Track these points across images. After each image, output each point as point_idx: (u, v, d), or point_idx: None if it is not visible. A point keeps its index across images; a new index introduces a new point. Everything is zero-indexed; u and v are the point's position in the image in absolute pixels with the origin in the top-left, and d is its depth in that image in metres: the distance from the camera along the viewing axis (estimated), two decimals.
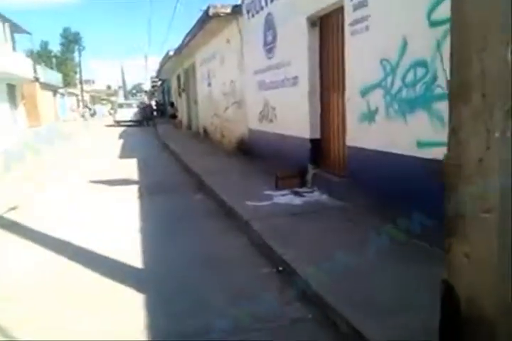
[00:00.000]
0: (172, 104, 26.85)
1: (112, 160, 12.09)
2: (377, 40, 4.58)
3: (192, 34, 11.98)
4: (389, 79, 4.44)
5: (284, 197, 6.20)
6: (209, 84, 13.83)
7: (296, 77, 6.78)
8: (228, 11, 9.42)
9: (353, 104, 5.15)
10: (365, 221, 4.74)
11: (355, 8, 4.91)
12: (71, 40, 57.74)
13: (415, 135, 4.07)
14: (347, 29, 5.16)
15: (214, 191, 7.04)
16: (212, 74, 13.28)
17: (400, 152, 4.32)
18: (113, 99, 70.14)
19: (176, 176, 9.25)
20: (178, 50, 15.24)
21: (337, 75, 5.83)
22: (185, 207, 6.45)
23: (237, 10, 9.45)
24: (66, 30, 58.03)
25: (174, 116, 25.04)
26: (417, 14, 3.92)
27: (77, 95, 50.51)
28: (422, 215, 3.58)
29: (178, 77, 21.92)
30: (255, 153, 9.26)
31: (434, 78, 3.79)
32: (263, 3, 8.01)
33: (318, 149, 6.48)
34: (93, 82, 77.53)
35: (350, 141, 5.29)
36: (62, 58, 56.12)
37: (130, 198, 7.15)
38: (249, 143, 9.73)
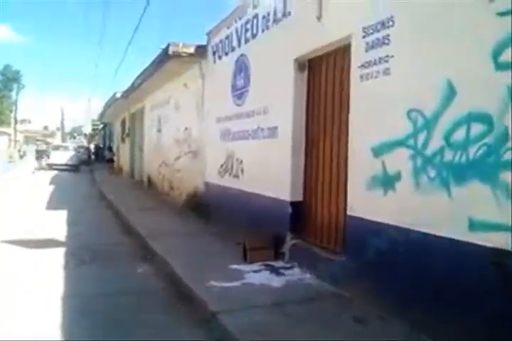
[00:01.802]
0: (110, 148, 27.33)
1: (36, 213, 10.24)
2: (403, 86, 3.58)
3: (145, 75, 10.82)
4: (421, 136, 3.39)
5: (258, 275, 4.87)
6: (159, 130, 12.56)
7: (275, 128, 5.68)
8: (191, 51, 8.38)
9: (360, 163, 4.06)
10: (382, 327, 3.49)
11: (370, 47, 3.94)
12: (10, 78, 55.12)
13: (466, 213, 2.98)
14: (354, 73, 4.16)
15: (164, 261, 5.58)
16: (164, 119, 12.06)
17: (436, 233, 3.20)
18: (50, 140, 66.76)
19: (114, 237, 7.63)
20: (127, 93, 13.98)
21: (332, 127, 4.78)
22: (123, 289, 4.85)
23: (201, 51, 8.43)
24: (6, 67, 55.49)
25: (112, 161, 25.57)
26: (474, 52, 2.96)
27: (9, 135, 47.32)
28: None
29: (123, 122, 20.49)
30: (212, 212, 7.92)
31: (502, 138, 2.77)
32: (235, 44, 7.04)
33: (299, 215, 5.28)
34: (29, 122, 74.01)
35: (352, 210, 4.14)
36: None
37: (50, 271, 5.47)
38: (204, 199, 8.39)
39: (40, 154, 27.29)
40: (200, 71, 8.71)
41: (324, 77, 4.98)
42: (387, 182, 3.70)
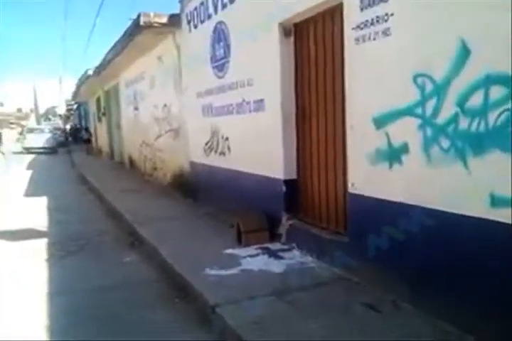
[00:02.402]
0: (86, 129, 26.07)
1: (15, 200, 9.76)
2: (407, 48, 3.19)
3: (116, 49, 10.16)
4: (430, 104, 3.04)
5: (256, 260, 4.57)
6: (136, 108, 11.98)
7: (261, 100, 5.27)
8: (164, 20, 7.78)
9: (360, 136, 3.70)
10: (398, 314, 3.24)
11: (366, 5, 3.51)
12: None
13: (486, 187, 2.67)
14: (349, 35, 3.74)
15: (154, 249, 5.25)
16: (140, 96, 11.47)
17: (452, 210, 2.89)
18: (24, 123, 64.90)
19: (98, 224, 7.25)
20: (99, 69, 13.26)
21: (326, 97, 4.39)
22: (113, 282, 4.52)
23: (174, 20, 7.84)
24: None
25: (89, 141, 24.54)
26: (491, 4, 2.58)
27: None
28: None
29: (98, 100, 19.69)
30: (199, 193, 7.56)
31: None
32: (211, 10, 6.50)
33: (294, 194, 4.96)
34: (1, 105, 71.70)
35: (354, 188, 3.82)
36: None
37: (33, 265, 5.11)
38: (190, 180, 8.00)
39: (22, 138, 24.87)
40: (174, 42, 8.15)
41: (313, 43, 4.55)
42: (393, 155, 3.37)
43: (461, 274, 2.89)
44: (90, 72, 14.37)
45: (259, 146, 5.38)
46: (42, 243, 6.04)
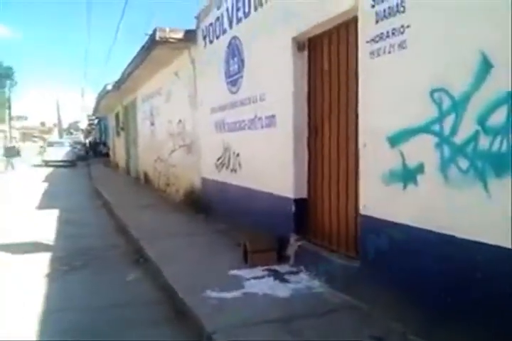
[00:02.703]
0: (105, 143, 27.27)
1: (26, 213, 9.72)
2: (424, 61, 3.00)
3: (134, 64, 10.20)
4: (448, 121, 2.83)
5: (261, 283, 4.33)
6: (152, 124, 11.98)
7: (273, 116, 5.11)
8: (179, 36, 7.77)
9: (373, 155, 3.50)
10: None
11: (381, 17, 3.35)
12: (2, 75, 54.19)
13: (508, 212, 2.43)
14: (363, 49, 3.58)
15: (157, 267, 5.06)
16: (156, 112, 11.47)
17: (470, 237, 2.65)
18: (47, 136, 66.18)
19: (107, 239, 7.10)
20: (117, 84, 13.36)
21: (339, 114, 4.21)
22: (112, 301, 4.32)
23: (190, 36, 7.83)
24: None
25: (107, 155, 25.19)
26: None
27: (5, 132, 46.66)
28: None
29: (117, 115, 19.88)
30: (210, 209, 7.38)
31: None
32: (226, 25, 6.43)
33: (304, 213, 4.74)
34: (25, 119, 73.33)
35: (365, 209, 3.59)
36: None
37: (34, 280, 4.96)
38: (202, 196, 7.84)
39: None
40: (190, 58, 8.11)
41: (327, 57, 4.39)
42: (408, 176, 3.14)
43: (487, 310, 2.62)
44: (109, 87, 14.49)
45: (270, 163, 5.20)
46: (46, 257, 5.91)
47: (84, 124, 49.53)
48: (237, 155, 6.19)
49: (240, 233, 5.55)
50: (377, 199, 3.46)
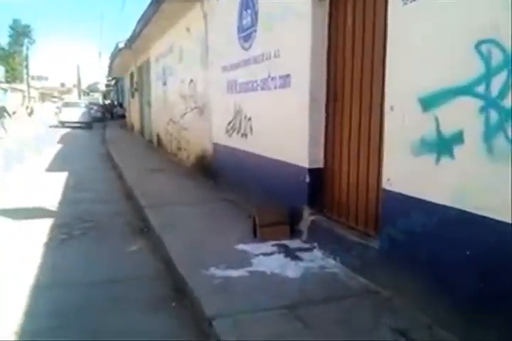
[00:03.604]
0: (121, 105, 26.78)
1: (34, 175, 9.47)
2: (468, 7, 2.43)
3: (144, 20, 9.60)
4: (498, 80, 2.29)
5: (270, 260, 3.96)
6: (164, 84, 11.45)
7: (287, 76, 4.58)
8: None
9: (402, 120, 2.98)
10: None
11: None
12: (20, 33, 53.55)
13: None
14: None
15: (160, 239, 4.73)
16: (168, 71, 10.92)
17: None
18: (66, 97, 66.12)
19: (112, 206, 6.79)
20: (129, 42, 12.78)
21: (362, 72, 3.67)
22: (107, 276, 4.01)
23: None
24: (15, 22, 53.81)
25: (123, 117, 24.78)
26: None
27: (23, 91, 46.56)
28: None
29: (131, 75, 19.32)
30: (221, 176, 6.98)
31: None
32: None
33: (319, 185, 4.29)
34: (46, 79, 73.20)
35: (389, 183, 3.12)
36: (9, 51, 51.82)
37: (28, 250, 4.67)
38: (212, 163, 7.43)
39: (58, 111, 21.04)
40: (202, 11, 7.48)
41: (351, 7, 3.80)
42: (443, 146, 2.64)
43: None
44: (121, 45, 13.90)
45: (283, 129, 4.71)
46: (47, 224, 5.62)
47: (103, 85, 49.04)
48: (249, 118, 5.70)
49: (250, 203, 5.17)
50: (404, 172, 2.98)
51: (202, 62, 7.80)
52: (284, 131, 4.67)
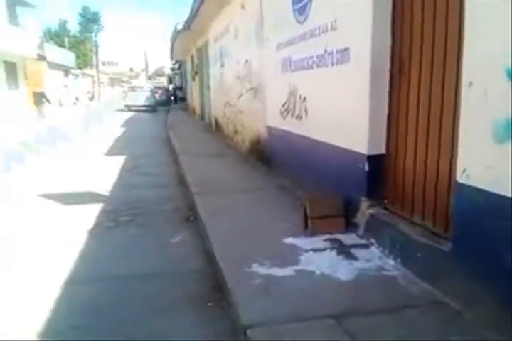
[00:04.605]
0: (181, 88, 28.75)
1: (93, 159, 9.54)
2: None
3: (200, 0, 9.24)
4: None
5: (320, 257, 3.52)
6: (222, 65, 11.12)
7: (345, 50, 4.03)
8: None
9: (483, 98, 2.40)
10: None
11: None
12: (90, 20, 55.25)
13: None
14: None
15: (205, 230, 4.42)
16: (225, 51, 10.55)
17: None
18: (133, 81, 68.08)
19: (163, 191, 6.61)
20: (187, 23, 12.52)
21: (434, 43, 3.08)
22: (145, 268, 3.78)
23: None
24: (85, 9, 55.53)
25: (184, 99, 26.25)
26: None
27: (93, 76, 48.28)
28: None
29: (192, 58, 19.19)
30: (275, 162, 6.56)
31: None
32: None
33: (380, 174, 3.76)
34: (116, 64, 75.90)
35: (467, 176, 2.56)
36: (80, 38, 53.72)
37: (71, 235, 4.55)
38: (266, 147, 7.02)
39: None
40: None
41: None
42: None
43: None
44: (180, 27, 13.69)
45: (340, 110, 4.20)
46: (96, 209, 5.51)
47: (168, 70, 49.80)
48: (304, 99, 5.20)
49: (304, 192, 4.74)
50: (485, 162, 2.41)
51: (257, 41, 7.34)
52: (342, 113, 4.16)
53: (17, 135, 11.03)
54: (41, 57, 26.07)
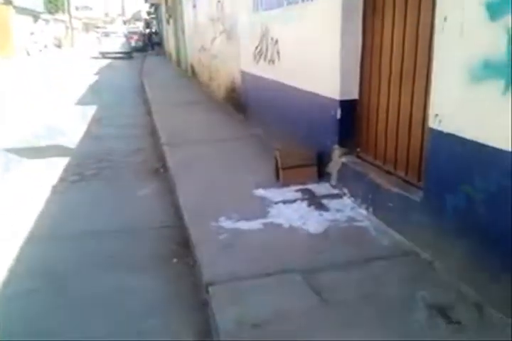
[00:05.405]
0: (156, 33, 28.00)
1: (61, 109, 9.12)
2: None
3: None
4: None
5: (290, 209, 3.40)
6: (194, 6, 10.48)
7: None
8: None
9: (458, 33, 2.17)
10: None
11: None
12: None
13: None
14: None
15: (173, 181, 4.25)
16: None
17: None
18: (109, 27, 65.05)
19: (132, 142, 6.34)
20: None
21: None
22: (109, 223, 3.62)
23: None
24: None
25: (159, 44, 25.74)
26: None
27: (65, 22, 45.87)
28: None
29: (166, 1, 18.16)
30: (250, 110, 6.30)
31: None
32: None
33: (352, 121, 3.56)
34: (90, 9, 72.07)
35: (439, 121, 2.37)
36: None
37: (33, 191, 4.33)
38: (241, 93, 6.72)
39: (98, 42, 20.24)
40: None
41: None
42: None
43: None
44: None
45: (311, 52, 3.91)
46: (61, 163, 5.26)
47: (145, 14, 47.45)
48: (276, 41, 4.87)
49: (278, 141, 4.55)
50: (459, 106, 2.22)
51: None
52: (313, 55, 3.87)
53: None
54: (7, 1, 24.46)
